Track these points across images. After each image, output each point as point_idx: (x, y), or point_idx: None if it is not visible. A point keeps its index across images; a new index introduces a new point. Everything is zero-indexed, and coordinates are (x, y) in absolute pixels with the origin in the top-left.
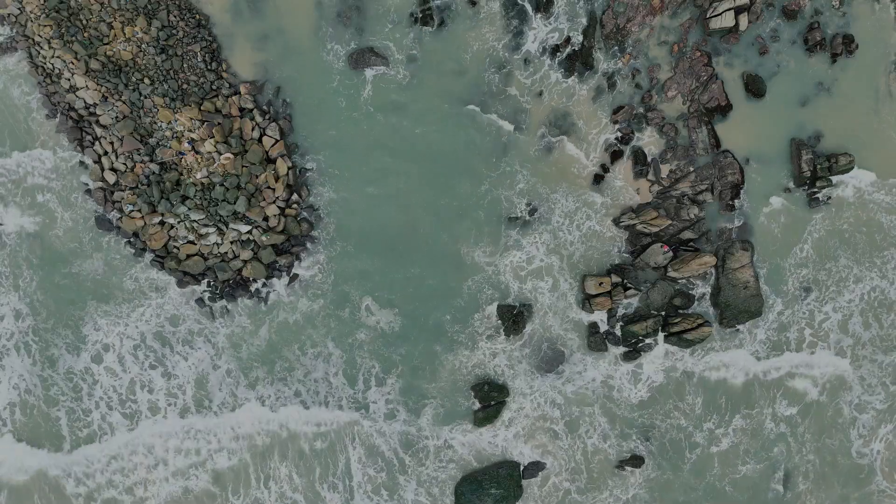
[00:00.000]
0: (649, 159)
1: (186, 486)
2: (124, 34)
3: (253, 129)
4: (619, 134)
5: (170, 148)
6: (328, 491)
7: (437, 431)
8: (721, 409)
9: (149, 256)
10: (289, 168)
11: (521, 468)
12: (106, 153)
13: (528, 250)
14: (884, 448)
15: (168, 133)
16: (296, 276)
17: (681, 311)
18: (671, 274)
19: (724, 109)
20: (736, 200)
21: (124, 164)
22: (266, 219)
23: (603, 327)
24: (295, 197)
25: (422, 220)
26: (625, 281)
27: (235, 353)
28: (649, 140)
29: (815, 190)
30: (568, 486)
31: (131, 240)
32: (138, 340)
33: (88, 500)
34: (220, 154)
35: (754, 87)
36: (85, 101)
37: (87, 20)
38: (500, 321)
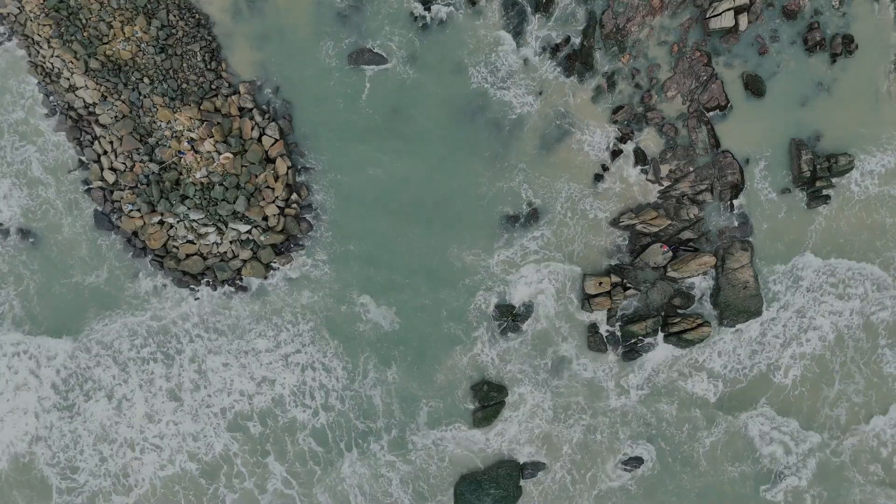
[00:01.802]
0: (649, 159)
1: (176, 473)
2: (124, 33)
3: (252, 129)
4: (619, 133)
5: (169, 147)
6: (323, 494)
7: (436, 431)
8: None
9: (148, 256)
10: (288, 168)
11: (521, 468)
12: (105, 152)
13: (527, 250)
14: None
15: (167, 132)
16: (295, 275)
17: (680, 311)
18: (671, 274)
19: (724, 109)
20: (735, 200)
21: (123, 163)
22: (265, 218)
23: (602, 327)
24: (294, 196)
25: (421, 218)
26: (624, 281)
27: (238, 359)
28: (649, 140)
29: (815, 190)
30: (566, 486)
31: (130, 239)
32: (139, 336)
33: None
34: (220, 153)
35: (754, 87)
36: (84, 101)
37: (86, 19)
38: (499, 320)
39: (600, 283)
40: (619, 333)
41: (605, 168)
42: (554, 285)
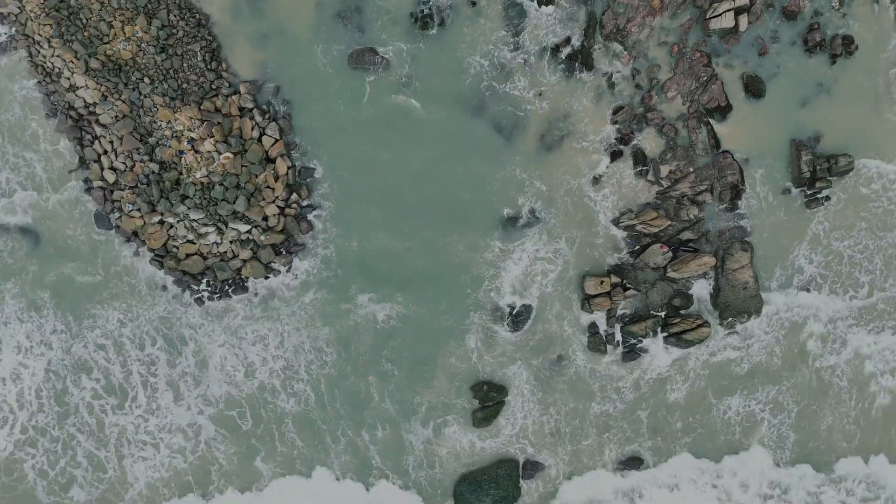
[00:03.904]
0: (649, 160)
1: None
2: (124, 33)
3: (252, 129)
4: (619, 134)
5: (169, 147)
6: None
7: (436, 431)
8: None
9: (148, 255)
10: (288, 168)
11: (520, 468)
12: (105, 152)
13: (527, 250)
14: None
15: (168, 132)
16: (295, 276)
17: (680, 312)
18: (670, 274)
19: (724, 110)
20: (735, 201)
21: (124, 163)
22: (265, 218)
23: (602, 327)
24: (294, 196)
25: (421, 216)
26: (624, 281)
27: (237, 355)
28: (649, 140)
29: (815, 190)
30: (566, 485)
31: (130, 239)
32: (139, 333)
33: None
34: (220, 153)
35: (754, 88)
36: (84, 100)
37: (86, 19)
38: (499, 321)
39: (601, 283)
40: (618, 334)
41: (605, 168)
42: (555, 268)
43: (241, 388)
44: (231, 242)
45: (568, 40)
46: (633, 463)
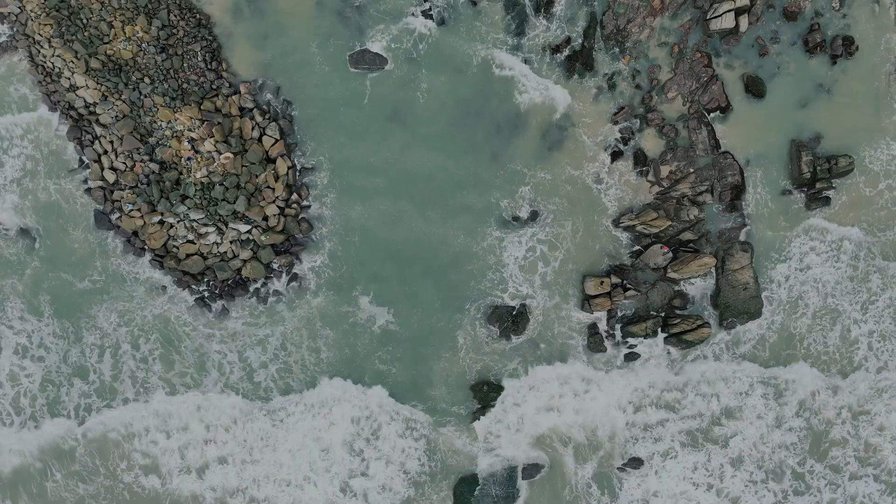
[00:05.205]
0: (649, 160)
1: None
2: (124, 33)
3: (253, 129)
4: (619, 135)
5: (169, 147)
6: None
7: (436, 432)
8: None
9: (148, 256)
10: (288, 168)
11: (520, 469)
12: (105, 152)
13: (527, 251)
14: None
15: (168, 132)
16: (295, 275)
17: (680, 312)
18: (671, 275)
19: (725, 111)
20: (736, 202)
21: (124, 163)
22: (266, 218)
23: (602, 328)
24: (295, 196)
25: (422, 218)
26: (624, 282)
27: (241, 357)
28: (649, 141)
29: (815, 191)
30: (566, 486)
31: (130, 239)
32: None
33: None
34: (220, 153)
35: (754, 89)
36: (85, 100)
37: (87, 19)
38: (499, 321)
39: (601, 283)
40: (618, 334)
41: (605, 169)
42: (554, 286)
43: (238, 390)
44: (231, 242)
45: (568, 41)
46: (634, 463)
